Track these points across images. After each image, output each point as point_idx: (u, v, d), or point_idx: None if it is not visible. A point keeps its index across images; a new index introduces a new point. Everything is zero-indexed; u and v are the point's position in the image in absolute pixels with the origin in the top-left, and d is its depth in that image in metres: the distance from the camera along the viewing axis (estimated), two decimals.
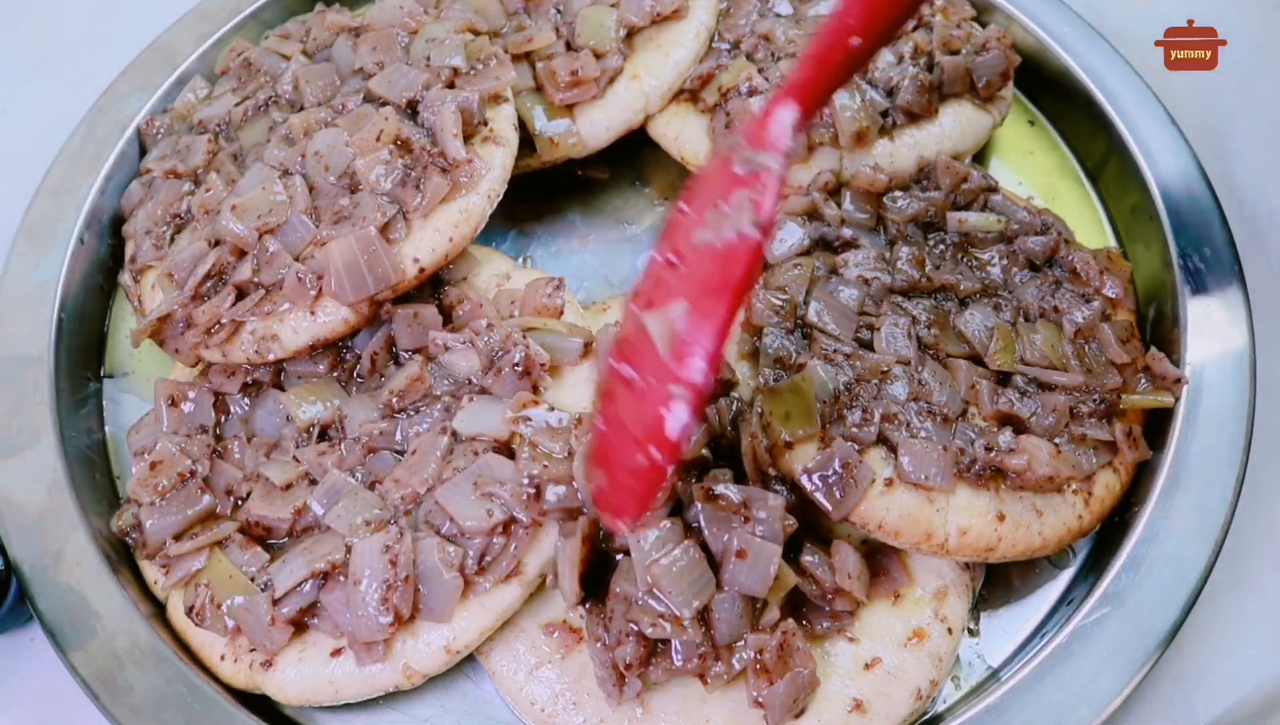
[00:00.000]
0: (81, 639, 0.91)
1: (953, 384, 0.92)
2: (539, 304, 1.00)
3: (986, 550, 0.89)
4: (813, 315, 0.95)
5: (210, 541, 0.91)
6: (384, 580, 0.84)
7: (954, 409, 0.91)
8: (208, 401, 1.00)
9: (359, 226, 0.94)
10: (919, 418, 0.90)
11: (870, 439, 0.88)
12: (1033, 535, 0.90)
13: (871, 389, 0.91)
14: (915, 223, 1.04)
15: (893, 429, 0.88)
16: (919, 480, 0.86)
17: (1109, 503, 0.94)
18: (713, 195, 0.70)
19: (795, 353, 0.93)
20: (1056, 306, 0.99)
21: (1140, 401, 0.96)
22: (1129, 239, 1.17)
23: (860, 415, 0.88)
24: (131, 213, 1.13)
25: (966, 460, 0.89)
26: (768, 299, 0.96)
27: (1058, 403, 0.92)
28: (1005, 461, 0.88)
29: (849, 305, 0.96)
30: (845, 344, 0.93)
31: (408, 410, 0.96)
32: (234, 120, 1.13)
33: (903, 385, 0.91)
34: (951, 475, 0.87)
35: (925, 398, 0.91)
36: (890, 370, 0.92)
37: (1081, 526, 0.92)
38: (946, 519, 0.87)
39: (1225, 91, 1.28)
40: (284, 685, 0.88)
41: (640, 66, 1.15)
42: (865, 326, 0.95)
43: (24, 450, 1.01)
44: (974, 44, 1.16)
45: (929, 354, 0.95)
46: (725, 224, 0.68)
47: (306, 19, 1.23)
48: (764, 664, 0.81)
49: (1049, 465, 0.89)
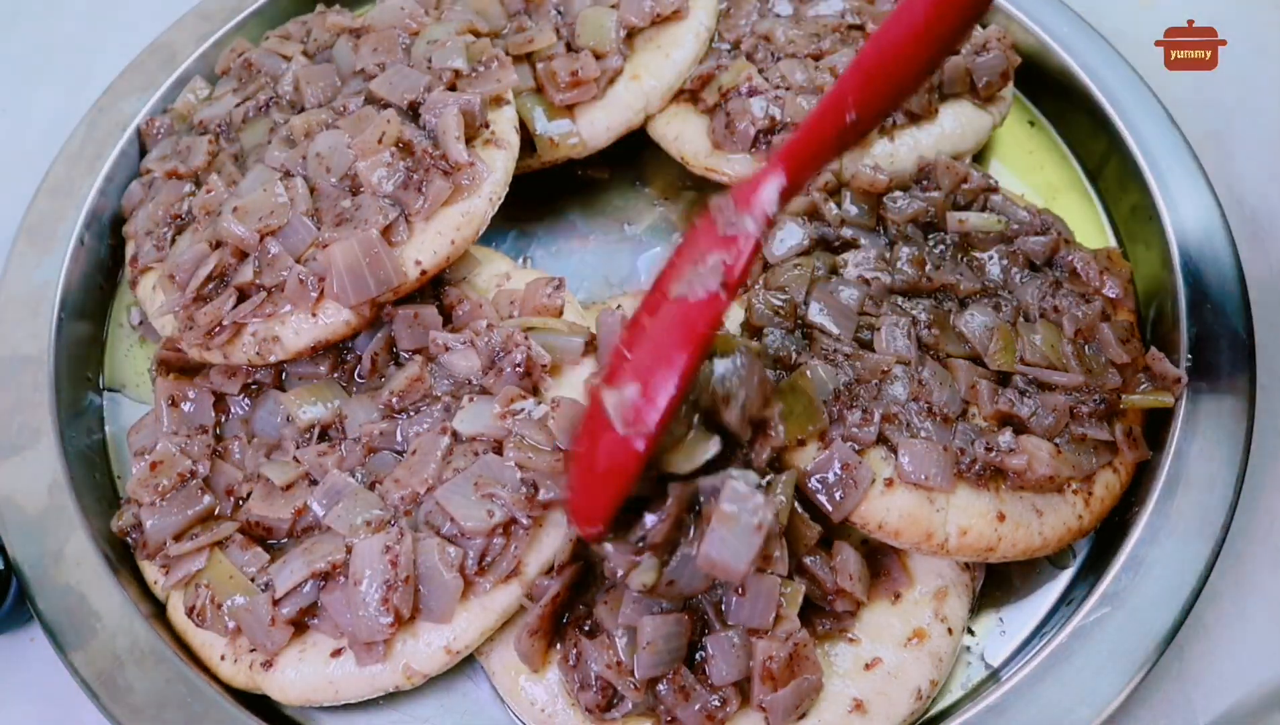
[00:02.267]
0: (82, 639, 0.91)
1: (953, 384, 0.93)
2: (539, 304, 1.01)
3: (987, 550, 0.89)
4: (813, 315, 0.95)
5: (210, 542, 0.91)
6: (384, 580, 0.84)
7: (954, 409, 0.91)
8: (208, 402, 1.01)
9: (361, 229, 0.94)
10: (919, 418, 0.90)
11: (870, 439, 0.88)
12: (1033, 535, 0.90)
13: (871, 389, 0.91)
14: (915, 223, 1.04)
15: (893, 429, 0.88)
16: (919, 480, 0.87)
17: (1109, 502, 0.94)
18: (696, 251, 0.74)
19: (795, 353, 0.93)
20: (1056, 306, 0.99)
21: (1140, 401, 0.96)
22: (1129, 239, 1.17)
23: (860, 415, 0.88)
24: (132, 213, 1.13)
25: (966, 460, 0.89)
26: (768, 299, 0.96)
27: (1058, 403, 0.92)
28: (1005, 461, 0.88)
29: (849, 305, 0.96)
30: (845, 344, 0.93)
31: (408, 411, 0.96)
32: (235, 121, 1.13)
33: (903, 385, 0.91)
34: (952, 475, 0.87)
35: (925, 398, 0.91)
36: (890, 370, 0.92)
37: (1082, 526, 0.92)
38: (947, 519, 0.87)
39: (1225, 91, 1.28)
40: (284, 685, 0.88)
41: (640, 67, 1.15)
42: (865, 327, 0.95)
43: (24, 450, 1.01)
44: (974, 44, 1.16)
45: (929, 354, 0.95)
46: (698, 281, 0.73)
47: (307, 19, 1.23)
48: (771, 671, 0.81)
49: (1049, 465, 0.89)
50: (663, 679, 0.82)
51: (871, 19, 1.17)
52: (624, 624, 0.82)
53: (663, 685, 0.82)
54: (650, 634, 0.80)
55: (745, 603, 0.82)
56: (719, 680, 0.82)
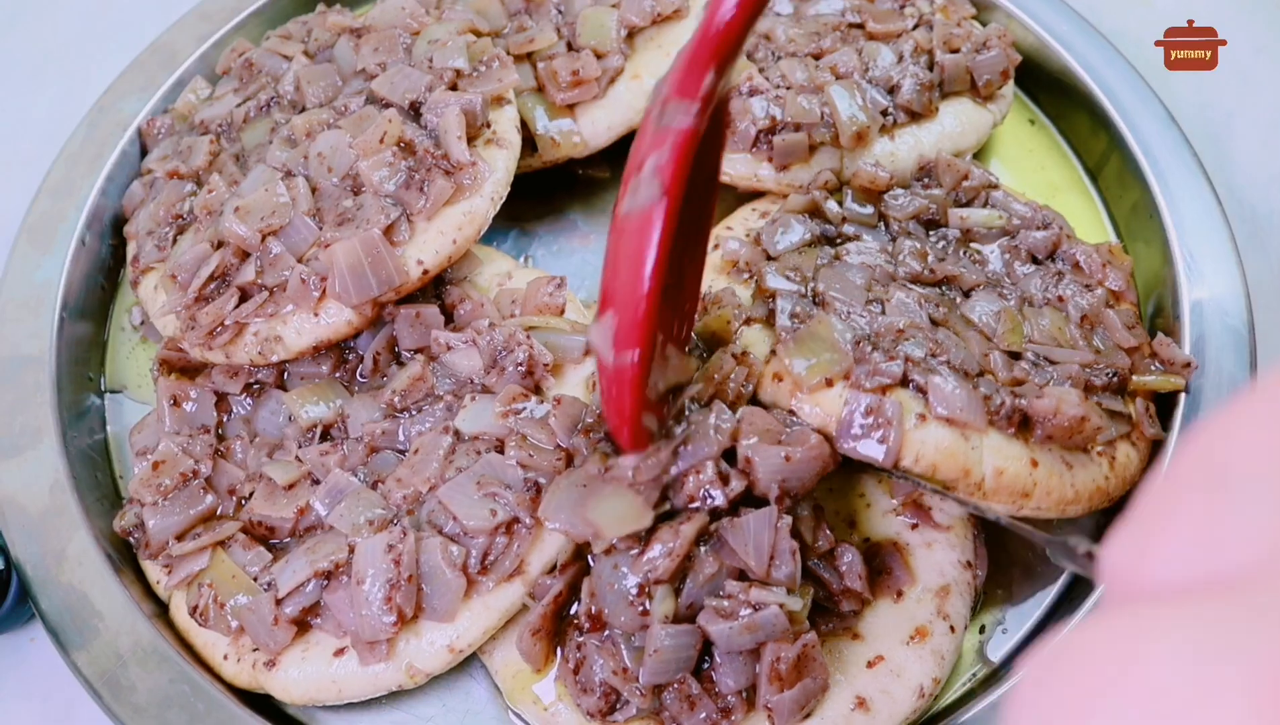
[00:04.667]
0: (84, 639, 0.91)
1: (968, 349, 0.91)
2: (540, 303, 1.01)
3: (1023, 495, 0.86)
4: (822, 287, 0.94)
5: (213, 541, 0.91)
6: (387, 580, 0.84)
7: (973, 368, 0.89)
8: (210, 402, 1.01)
9: (363, 228, 0.94)
10: (941, 367, 0.88)
11: (897, 374, 0.85)
12: (1065, 486, 0.88)
13: (889, 344, 0.89)
14: (917, 220, 1.04)
15: (917, 372, 0.86)
16: (953, 414, 0.84)
17: (1129, 475, 0.93)
18: (637, 158, 0.72)
19: (810, 312, 0.92)
20: (1060, 296, 0.99)
21: (1152, 382, 0.95)
22: (1129, 237, 1.17)
23: (884, 355, 0.86)
24: (133, 213, 1.13)
25: (995, 404, 0.86)
26: (780, 269, 0.95)
27: (1072, 372, 0.91)
28: (1034, 404, 0.86)
29: (857, 283, 0.94)
30: (859, 309, 0.92)
31: (410, 410, 0.96)
32: (236, 121, 1.13)
33: (919, 344, 0.89)
34: (983, 414, 0.85)
35: (943, 355, 0.89)
36: (905, 330, 0.90)
37: (1109, 490, 0.91)
38: (982, 458, 0.85)
39: (1225, 91, 1.28)
40: (287, 685, 0.88)
41: (641, 66, 1.15)
42: (875, 300, 0.94)
43: (26, 450, 1.01)
44: (974, 42, 1.16)
45: (940, 328, 0.94)
46: (640, 192, 0.71)
47: (307, 19, 1.22)
48: (779, 672, 0.80)
49: (1078, 407, 0.86)
50: (669, 686, 0.81)
51: (872, 17, 1.18)
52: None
53: (668, 693, 0.82)
54: (659, 641, 0.79)
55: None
56: (726, 689, 0.81)
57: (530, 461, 0.88)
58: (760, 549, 0.80)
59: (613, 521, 0.80)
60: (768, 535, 0.80)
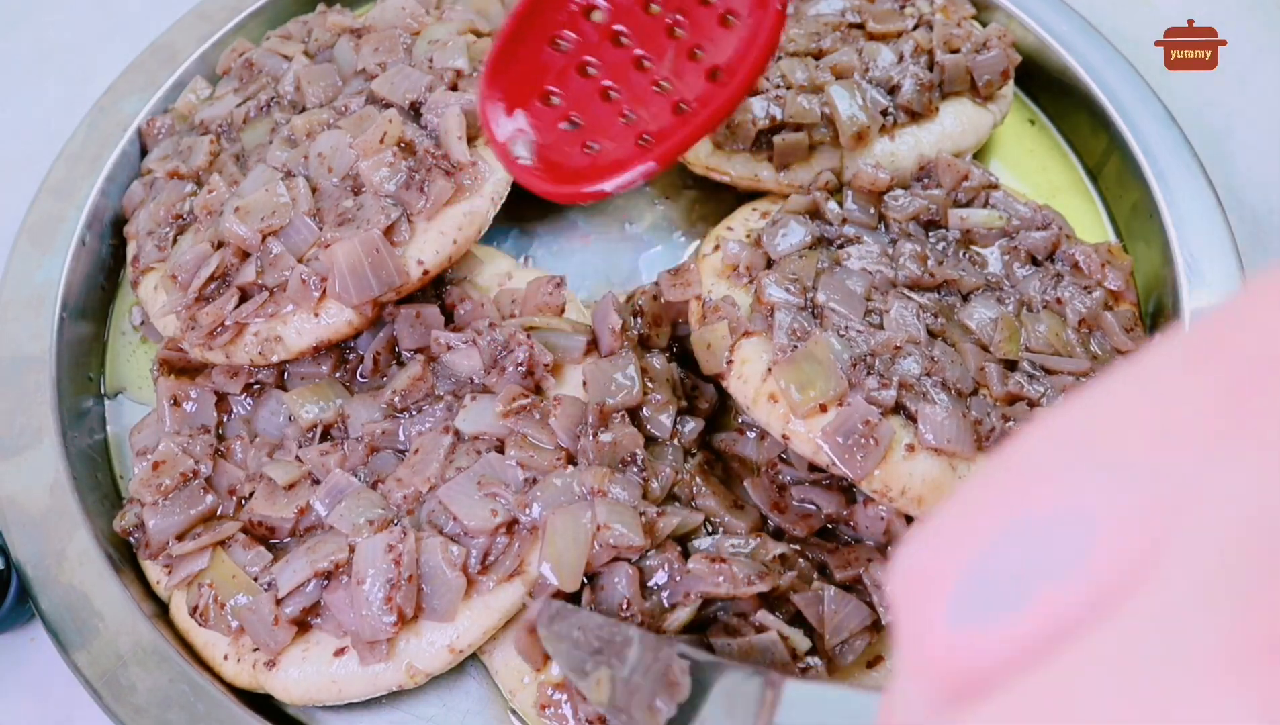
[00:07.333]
0: (84, 639, 0.91)
1: (963, 364, 0.91)
2: (540, 302, 1.01)
3: None
4: (822, 297, 0.94)
5: (213, 541, 0.91)
6: (387, 579, 0.84)
7: (966, 386, 0.90)
8: (210, 402, 1.01)
9: (363, 228, 0.94)
10: (935, 390, 0.88)
11: (889, 402, 0.85)
12: None
13: (886, 362, 0.89)
14: (917, 221, 1.04)
15: (910, 398, 0.87)
16: (941, 445, 0.84)
17: None
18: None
19: (809, 329, 0.92)
20: (1059, 298, 0.99)
21: None
22: (1129, 237, 1.17)
23: (878, 380, 0.87)
24: (133, 213, 1.13)
25: (985, 429, 0.87)
26: (779, 280, 0.96)
27: (1068, 384, 0.91)
28: (1023, 428, 0.85)
29: (856, 291, 0.95)
30: (857, 322, 0.92)
31: (410, 410, 0.96)
32: (236, 121, 1.13)
33: (915, 361, 0.89)
34: (973, 442, 0.86)
35: (939, 373, 0.89)
36: (902, 347, 0.90)
37: None
38: None
39: (1225, 91, 1.28)
40: (287, 685, 0.88)
41: None
42: (874, 311, 0.94)
43: (26, 450, 1.01)
44: (974, 42, 1.16)
45: (937, 339, 0.94)
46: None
47: (308, 19, 1.23)
48: None
49: None
50: None
51: (872, 17, 1.18)
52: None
53: None
54: None
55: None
56: None
57: (531, 461, 0.88)
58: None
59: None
60: None
